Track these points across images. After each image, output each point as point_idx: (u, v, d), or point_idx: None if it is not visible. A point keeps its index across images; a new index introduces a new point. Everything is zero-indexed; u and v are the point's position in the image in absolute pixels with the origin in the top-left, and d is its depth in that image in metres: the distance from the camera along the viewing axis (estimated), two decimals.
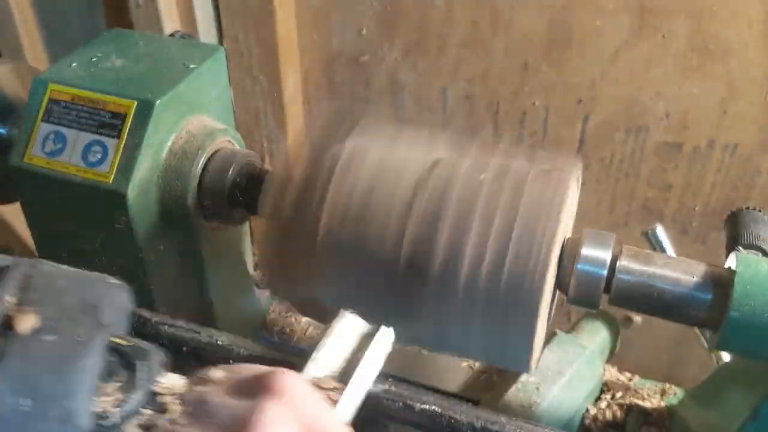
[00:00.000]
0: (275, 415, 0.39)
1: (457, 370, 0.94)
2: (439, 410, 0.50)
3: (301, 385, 0.42)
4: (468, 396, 0.91)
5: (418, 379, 0.93)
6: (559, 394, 0.78)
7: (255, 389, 0.41)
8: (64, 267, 0.44)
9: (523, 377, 0.79)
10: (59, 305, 0.40)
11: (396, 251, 0.62)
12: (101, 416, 0.39)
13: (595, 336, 0.87)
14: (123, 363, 0.42)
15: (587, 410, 0.81)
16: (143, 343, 0.44)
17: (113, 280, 0.44)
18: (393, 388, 0.51)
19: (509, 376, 0.81)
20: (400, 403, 0.51)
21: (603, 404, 0.82)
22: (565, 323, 1.38)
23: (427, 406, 0.50)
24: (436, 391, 0.90)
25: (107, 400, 0.40)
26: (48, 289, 0.41)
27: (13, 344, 0.38)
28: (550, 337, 0.85)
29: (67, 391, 0.38)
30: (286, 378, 0.41)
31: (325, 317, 0.66)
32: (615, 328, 0.90)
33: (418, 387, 0.52)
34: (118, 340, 0.43)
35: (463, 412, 0.51)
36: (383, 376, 0.51)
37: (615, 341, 0.89)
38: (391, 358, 0.99)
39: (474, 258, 0.61)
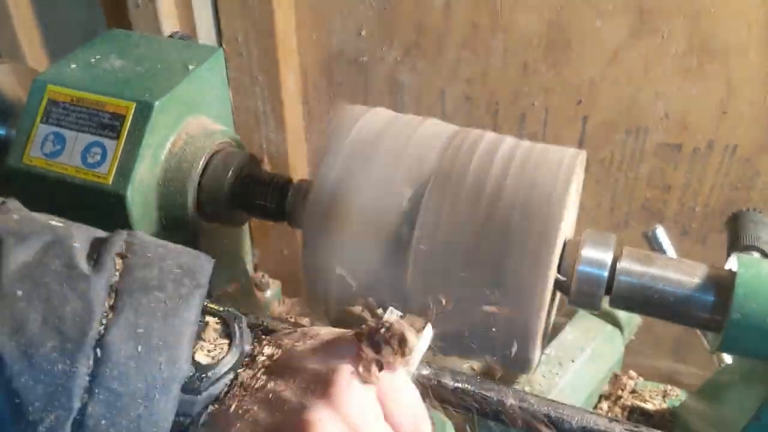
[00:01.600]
0: (326, 422, 0.42)
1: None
2: (471, 388, 0.54)
3: (358, 394, 0.44)
4: None
5: None
6: (581, 369, 0.79)
7: (319, 380, 0.44)
8: (156, 238, 0.50)
9: (546, 351, 0.80)
10: (161, 268, 0.46)
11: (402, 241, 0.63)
12: (203, 368, 0.45)
13: (616, 313, 0.88)
14: (221, 326, 0.48)
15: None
16: (233, 310, 0.50)
17: (198, 252, 0.50)
18: (427, 371, 0.55)
19: (512, 378, 0.81)
20: (435, 381, 0.54)
21: (605, 406, 0.82)
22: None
23: (460, 384, 0.54)
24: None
25: (209, 354, 0.46)
26: (148, 253, 0.47)
27: (126, 299, 0.43)
28: (571, 315, 0.86)
29: (173, 340, 0.43)
30: (344, 387, 0.44)
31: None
32: None
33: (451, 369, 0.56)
34: (212, 306, 0.49)
35: (493, 390, 0.54)
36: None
37: (635, 320, 0.90)
38: None
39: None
